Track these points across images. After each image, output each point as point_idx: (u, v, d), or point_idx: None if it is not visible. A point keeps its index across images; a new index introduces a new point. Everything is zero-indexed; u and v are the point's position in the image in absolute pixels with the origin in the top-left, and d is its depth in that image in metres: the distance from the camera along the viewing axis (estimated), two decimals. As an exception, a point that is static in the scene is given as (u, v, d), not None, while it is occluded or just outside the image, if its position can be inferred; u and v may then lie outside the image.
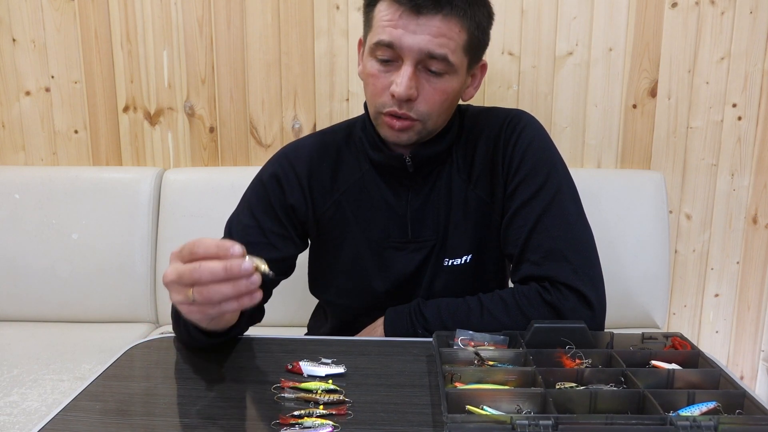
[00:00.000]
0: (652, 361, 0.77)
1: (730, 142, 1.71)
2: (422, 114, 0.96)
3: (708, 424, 0.61)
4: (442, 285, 1.05)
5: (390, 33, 0.92)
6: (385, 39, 0.93)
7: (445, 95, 0.97)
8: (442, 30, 0.92)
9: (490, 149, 1.04)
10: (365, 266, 1.07)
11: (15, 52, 1.71)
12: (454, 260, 1.05)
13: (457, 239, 1.05)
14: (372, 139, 1.04)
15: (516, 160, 1.01)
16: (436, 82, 0.95)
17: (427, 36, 0.92)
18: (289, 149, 1.10)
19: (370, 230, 1.06)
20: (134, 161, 1.77)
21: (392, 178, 1.06)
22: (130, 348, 0.92)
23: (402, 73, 0.93)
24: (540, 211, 0.98)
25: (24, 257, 1.65)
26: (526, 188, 1.00)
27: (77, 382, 1.33)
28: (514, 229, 1.00)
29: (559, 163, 1.03)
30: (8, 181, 1.67)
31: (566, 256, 0.95)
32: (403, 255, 1.06)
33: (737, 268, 1.78)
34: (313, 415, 0.71)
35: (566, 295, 0.94)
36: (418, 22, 0.91)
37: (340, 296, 1.11)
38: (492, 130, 1.05)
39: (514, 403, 0.68)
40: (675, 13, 1.64)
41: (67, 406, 0.74)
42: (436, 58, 0.93)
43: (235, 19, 1.68)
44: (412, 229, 1.05)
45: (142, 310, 1.66)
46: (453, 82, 0.97)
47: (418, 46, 0.92)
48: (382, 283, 1.06)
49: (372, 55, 0.96)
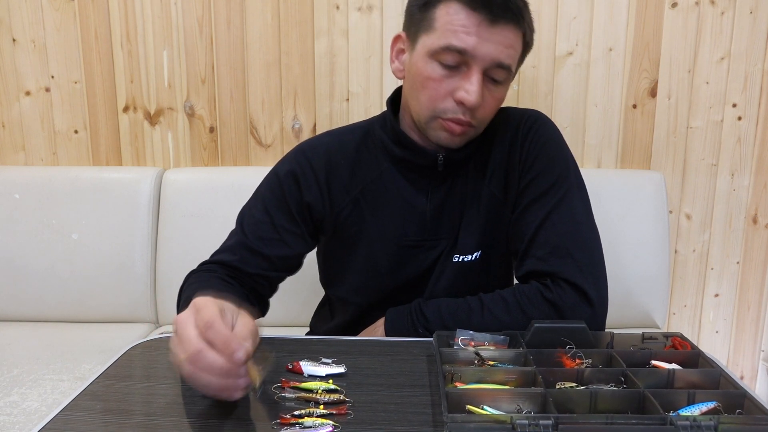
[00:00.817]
0: (652, 361, 0.77)
1: (730, 142, 1.71)
2: (480, 120, 0.98)
3: (708, 424, 0.61)
4: (449, 281, 1.05)
5: (464, 40, 0.91)
6: (458, 45, 0.91)
7: (500, 102, 1.00)
8: (512, 41, 0.93)
9: (506, 147, 1.05)
10: (380, 264, 1.07)
11: (15, 52, 1.71)
12: (464, 256, 1.05)
13: (468, 236, 1.05)
14: (396, 137, 1.04)
15: (531, 158, 1.02)
16: (495, 90, 0.97)
17: (500, 46, 0.92)
18: (306, 146, 1.10)
19: (387, 228, 1.06)
20: (134, 161, 1.77)
21: (415, 176, 1.05)
22: (130, 348, 0.92)
23: (473, 81, 0.92)
24: (549, 208, 0.99)
25: (24, 257, 1.65)
26: (537, 186, 1.01)
27: (77, 382, 1.33)
28: (521, 225, 1.01)
29: (571, 164, 1.04)
30: (8, 181, 1.67)
31: (572, 254, 0.96)
32: (419, 253, 1.06)
33: (737, 268, 1.78)
34: (314, 414, 0.71)
35: (567, 292, 0.94)
36: (493, 30, 0.91)
37: (352, 293, 1.11)
38: (508, 129, 1.06)
39: (514, 403, 0.68)
40: (675, 13, 1.64)
41: (67, 406, 0.74)
42: (502, 68, 0.94)
43: (235, 19, 1.68)
44: (431, 227, 1.05)
45: (142, 310, 1.66)
46: (507, 88, 1.00)
47: (491, 56, 0.92)
48: (394, 280, 1.07)
49: (435, 58, 0.94)
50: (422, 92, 0.97)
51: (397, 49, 1.03)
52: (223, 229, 1.08)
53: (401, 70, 1.03)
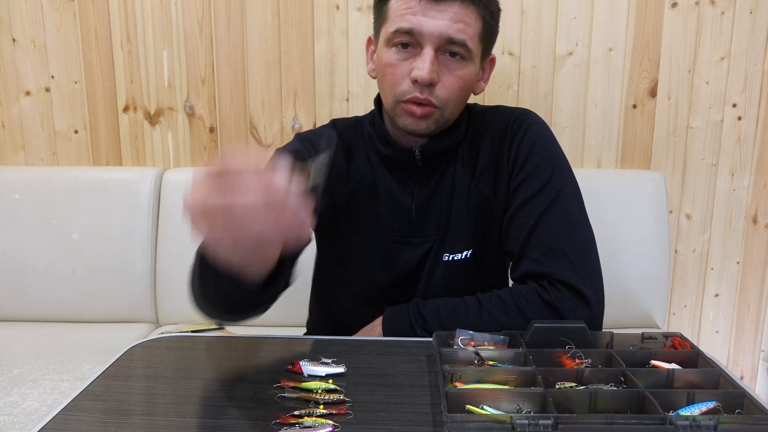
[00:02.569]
0: (652, 361, 0.77)
1: (730, 142, 1.71)
2: (442, 100, 0.98)
3: (708, 423, 0.61)
4: (441, 280, 1.05)
5: (409, 20, 0.94)
6: (404, 26, 0.94)
7: (463, 82, 0.99)
8: (461, 16, 0.94)
9: (496, 145, 1.05)
10: (371, 259, 1.07)
11: (15, 52, 1.71)
12: (454, 255, 1.05)
13: (457, 234, 1.05)
14: (381, 134, 1.06)
15: (521, 157, 1.02)
16: (455, 69, 0.97)
17: (447, 21, 0.94)
18: (308, 134, 1.11)
19: (377, 224, 1.07)
20: (134, 161, 1.77)
21: (400, 173, 1.06)
22: (130, 348, 0.92)
23: (424, 58, 0.94)
24: (542, 209, 0.99)
25: (24, 257, 1.65)
26: (530, 186, 1.01)
27: (77, 382, 1.33)
28: (515, 226, 1.01)
29: (563, 163, 1.04)
30: (8, 181, 1.67)
31: (567, 254, 0.96)
32: (407, 249, 1.06)
33: (737, 268, 1.78)
34: (313, 414, 0.71)
35: (564, 293, 0.94)
36: (437, 8, 0.94)
37: (342, 288, 1.11)
38: (498, 127, 1.06)
39: (514, 403, 0.68)
40: (675, 13, 1.64)
41: (67, 406, 0.74)
42: (455, 43, 0.95)
43: (235, 19, 1.68)
44: (416, 223, 1.06)
45: (142, 310, 1.66)
46: (470, 69, 0.99)
47: (438, 31, 0.94)
48: (385, 276, 1.07)
49: (389, 44, 0.98)
50: (384, 80, 1.00)
51: (370, 51, 1.07)
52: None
53: (374, 69, 1.06)
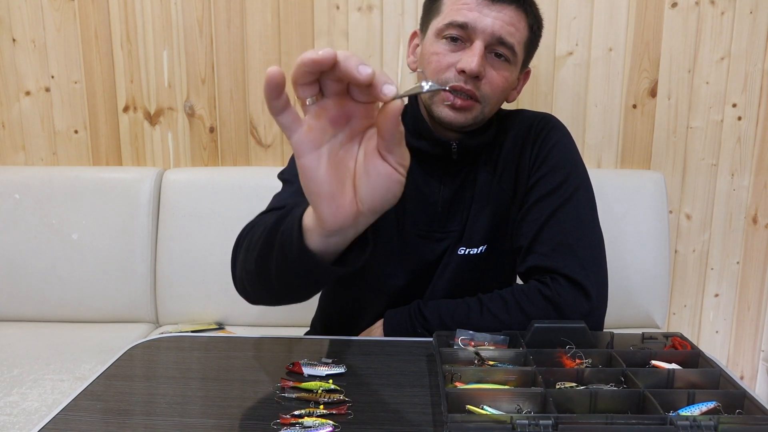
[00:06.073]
0: (652, 361, 0.77)
1: (730, 142, 1.71)
2: (485, 95, 1.00)
3: (708, 423, 0.61)
4: (454, 273, 1.06)
5: (465, 15, 0.97)
6: (459, 19, 0.97)
7: (506, 83, 1.01)
8: (513, 20, 0.98)
9: (518, 146, 1.07)
10: (391, 251, 1.07)
11: (15, 52, 1.71)
12: (471, 249, 1.06)
13: (475, 229, 1.06)
14: (416, 127, 1.06)
15: (540, 157, 1.05)
16: (500, 68, 1.00)
17: (500, 22, 0.97)
18: None
19: (401, 217, 1.07)
20: (134, 161, 1.77)
21: (431, 168, 1.07)
22: (130, 348, 0.92)
23: (474, 50, 0.96)
24: (555, 207, 1.00)
25: (24, 257, 1.65)
26: (545, 184, 1.02)
27: (77, 382, 1.33)
28: (527, 222, 1.02)
29: (580, 166, 1.06)
30: (8, 181, 1.67)
31: (575, 251, 0.97)
32: (428, 244, 1.07)
33: (737, 268, 1.78)
34: (314, 414, 0.71)
35: (565, 288, 0.94)
36: (493, 7, 0.97)
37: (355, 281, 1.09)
38: (521, 129, 1.08)
39: (514, 403, 0.68)
40: (675, 13, 1.64)
41: (68, 406, 0.74)
42: (504, 45, 0.98)
43: (235, 19, 1.67)
44: (441, 219, 1.07)
45: (142, 310, 1.66)
46: (512, 72, 1.02)
47: (491, 29, 0.96)
48: (400, 270, 1.07)
49: (439, 36, 1.00)
50: (428, 68, 1.01)
51: (413, 45, 1.10)
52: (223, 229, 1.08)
53: (414, 62, 1.08)
